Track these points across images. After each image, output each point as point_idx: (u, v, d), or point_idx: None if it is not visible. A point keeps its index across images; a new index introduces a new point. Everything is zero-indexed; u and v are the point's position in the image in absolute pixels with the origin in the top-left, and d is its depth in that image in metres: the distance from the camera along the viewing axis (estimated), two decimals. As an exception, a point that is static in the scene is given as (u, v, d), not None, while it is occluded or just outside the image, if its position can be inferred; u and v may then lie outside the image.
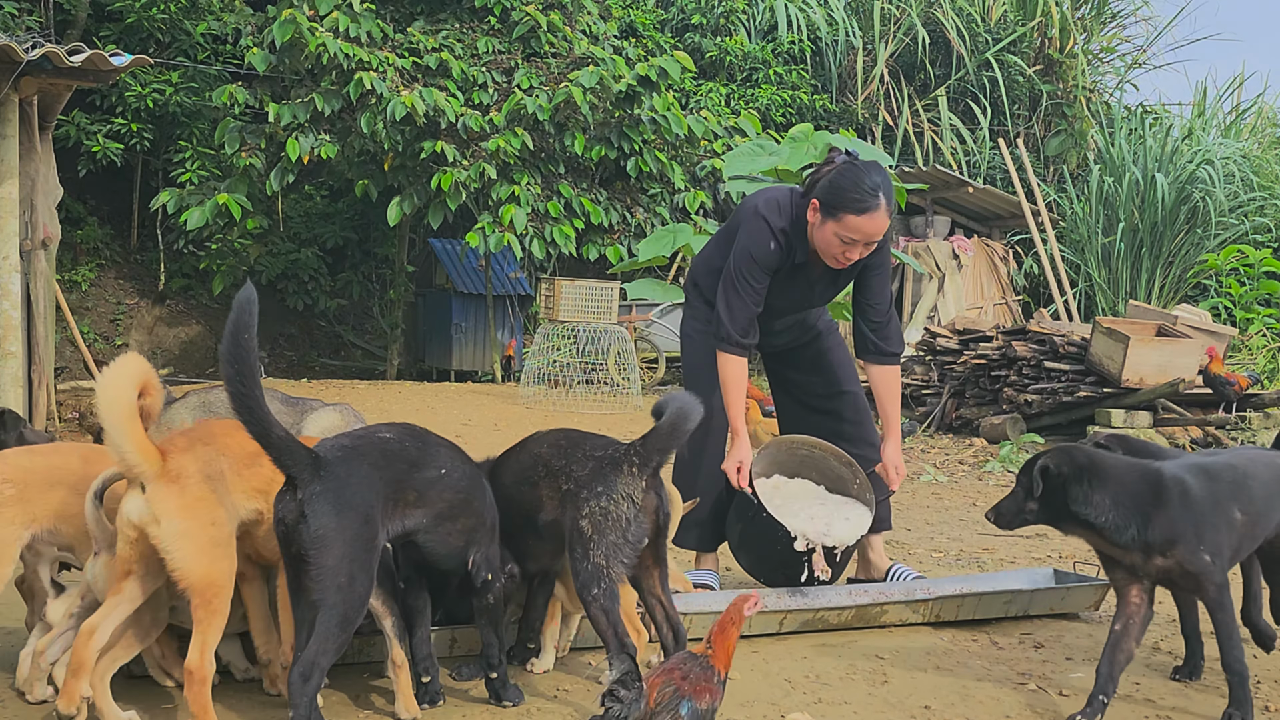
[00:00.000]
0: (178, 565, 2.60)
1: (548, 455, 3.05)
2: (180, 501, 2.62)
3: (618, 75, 12.07)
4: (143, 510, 2.61)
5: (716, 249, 4.19)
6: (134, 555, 2.66)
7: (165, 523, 2.60)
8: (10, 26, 12.11)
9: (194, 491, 2.65)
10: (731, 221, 4.15)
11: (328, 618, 2.54)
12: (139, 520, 2.62)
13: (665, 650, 3.10)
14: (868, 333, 4.03)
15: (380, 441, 2.76)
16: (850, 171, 3.71)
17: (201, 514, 2.64)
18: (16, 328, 6.73)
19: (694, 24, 17.13)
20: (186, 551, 2.60)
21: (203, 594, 2.61)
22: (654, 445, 2.98)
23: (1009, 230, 15.95)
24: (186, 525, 2.61)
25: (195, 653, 2.60)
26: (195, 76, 13.84)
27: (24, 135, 6.96)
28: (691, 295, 4.29)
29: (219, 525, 2.67)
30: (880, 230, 3.74)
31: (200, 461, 2.69)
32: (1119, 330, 8.71)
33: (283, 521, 2.59)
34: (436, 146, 11.48)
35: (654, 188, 13.29)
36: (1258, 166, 16.02)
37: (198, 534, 2.62)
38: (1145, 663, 3.63)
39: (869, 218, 3.68)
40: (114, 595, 2.69)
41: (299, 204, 15.36)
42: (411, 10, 13.46)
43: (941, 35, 17.82)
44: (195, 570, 2.61)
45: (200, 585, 2.61)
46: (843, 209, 3.70)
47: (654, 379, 13.24)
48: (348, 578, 2.55)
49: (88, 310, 14.20)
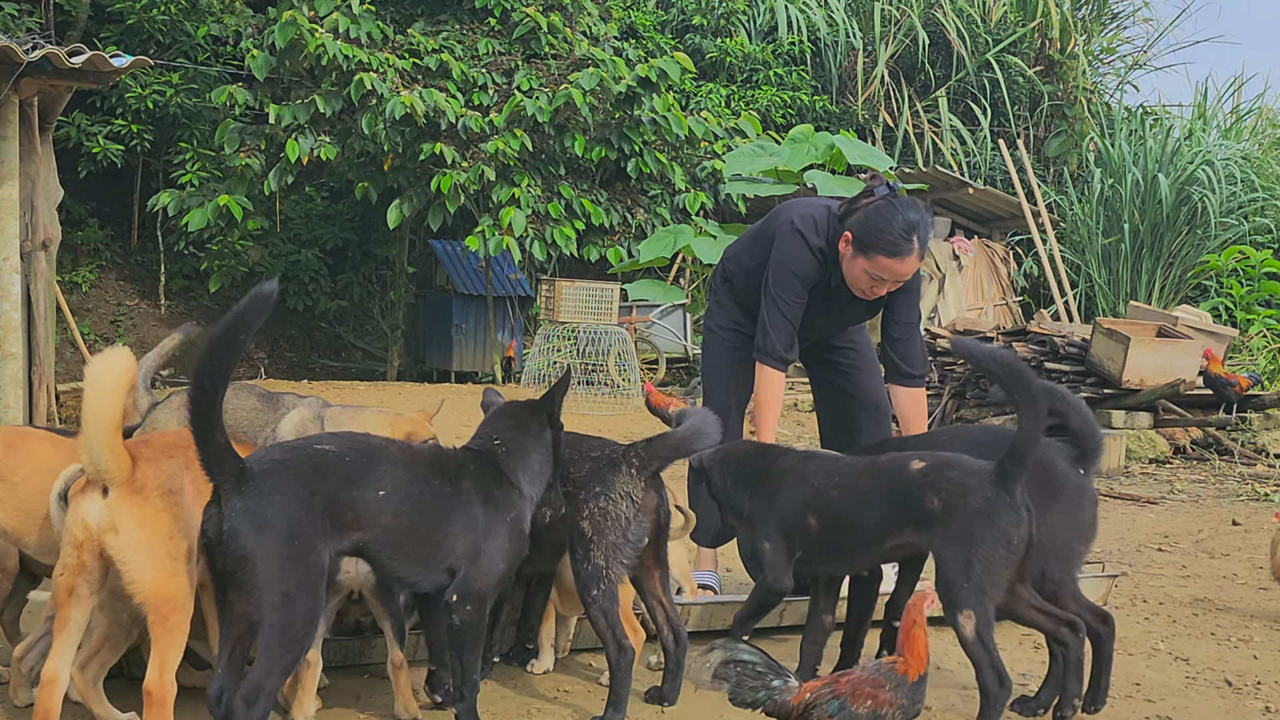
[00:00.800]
0: (133, 578, 2.48)
1: None
2: (141, 513, 2.50)
3: (618, 76, 12.07)
4: (101, 516, 2.49)
5: (748, 252, 4.14)
6: (77, 564, 2.51)
7: (124, 532, 2.48)
8: (10, 28, 12.11)
9: (155, 503, 2.53)
10: (764, 228, 4.09)
11: (268, 637, 2.39)
12: (96, 526, 2.50)
13: (665, 651, 3.09)
14: (891, 352, 3.96)
15: (315, 454, 2.57)
16: (886, 210, 3.65)
17: (161, 527, 2.52)
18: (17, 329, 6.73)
19: (694, 25, 17.12)
20: (143, 564, 2.48)
21: (159, 610, 2.50)
22: (658, 450, 2.99)
23: (1009, 231, 15.95)
24: (145, 537, 2.50)
25: (154, 672, 2.49)
26: (196, 78, 13.84)
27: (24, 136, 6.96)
28: (721, 292, 4.24)
29: (176, 540, 2.53)
30: (910, 272, 3.72)
31: (165, 474, 2.58)
32: (1119, 331, 8.70)
33: (205, 534, 2.45)
34: (436, 148, 11.47)
35: (654, 189, 13.28)
36: (1258, 167, 16.02)
37: (155, 547, 2.50)
38: (1146, 664, 3.63)
39: (900, 261, 3.65)
40: (60, 629, 2.55)
41: (299, 205, 15.35)
42: (411, 11, 13.45)
43: (942, 36, 17.81)
44: (150, 584, 2.49)
45: (156, 601, 2.49)
46: (875, 248, 3.66)
47: (654, 380, 13.23)
48: (282, 596, 2.39)
49: (88, 311, 14.21)
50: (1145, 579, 4.56)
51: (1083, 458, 3.10)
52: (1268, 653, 3.77)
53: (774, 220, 4.05)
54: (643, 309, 14.23)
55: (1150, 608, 4.28)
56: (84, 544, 2.51)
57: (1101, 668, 3.06)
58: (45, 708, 2.52)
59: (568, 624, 3.42)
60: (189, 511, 2.57)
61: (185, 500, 2.58)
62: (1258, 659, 3.63)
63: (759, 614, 3.25)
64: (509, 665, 3.34)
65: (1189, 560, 5.28)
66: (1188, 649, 3.77)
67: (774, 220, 4.05)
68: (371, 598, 2.95)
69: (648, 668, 3.33)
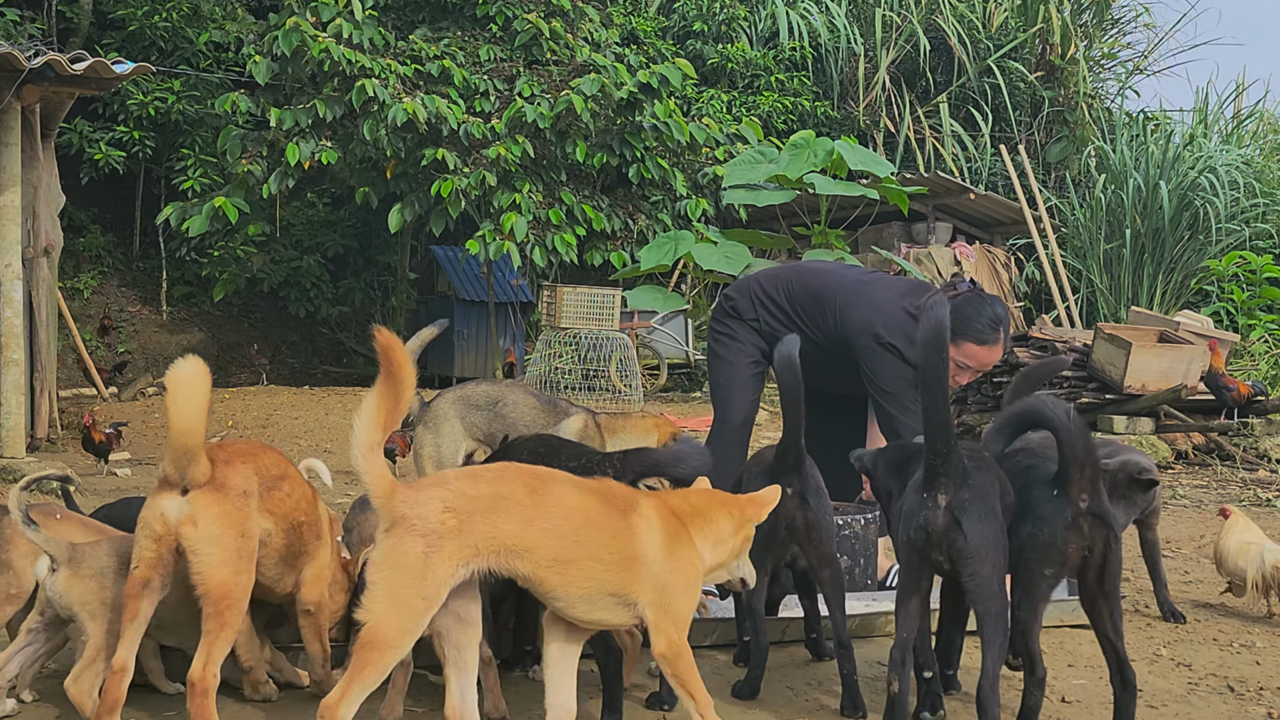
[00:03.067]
0: (202, 569, 2.63)
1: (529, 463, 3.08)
2: (220, 509, 2.67)
3: (619, 82, 12.08)
4: (181, 511, 2.64)
5: (789, 309, 4.29)
6: (155, 557, 2.65)
7: (202, 525, 2.64)
8: (13, 34, 12.13)
9: (233, 502, 2.70)
10: (831, 314, 4.18)
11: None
12: (175, 519, 2.64)
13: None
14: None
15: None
16: (975, 302, 3.96)
17: (235, 525, 2.69)
18: (19, 335, 6.73)
19: (695, 31, 17.14)
20: (213, 558, 2.64)
21: (217, 604, 2.63)
22: (633, 464, 3.04)
23: (1010, 236, 15.95)
24: (220, 531, 2.66)
25: (199, 664, 2.60)
26: (198, 84, 13.86)
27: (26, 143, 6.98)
28: (731, 321, 4.43)
29: (247, 539, 2.71)
30: (994, 361, 4.01)
31: (241, 476, 2.75)
32: (1121, 336, 8.70)
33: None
34: (438, 154, 11.48)
35: (656, 195, 13.29)
36: (1259, 173, 16.01)
37: (228, 543, 2.66)
38: (1148, 670, 3.62)
39: (987, 349, 3.95)
40: (129, 620, 2.67)
41: (301, 212, 15.37)
42: (413, 18, 13.47)
43: (943, 42, 17.83)
44: (216, 577, 2.63)
45: (217, 594, 2.63)
46: (964, 336, 3.92)
47: (656, 385, 13.23)
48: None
49: (90, 318, 14.21)
50: (1147, 584, 4.54)
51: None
52: (1270, 658, 3.77)
53: (848, 317, 4.13)
54: (644, 314, 14.24)
55: (1153, 613, 4.27)
56: (162, 538, 2.65)
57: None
58: (114, 696, 2.63)
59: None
60: (256, 515, 2.77)
61: (254, 504, 2.77)
62: (1260, 665, 3.63)
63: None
64: (510, 671, 3.34)
65: (1191, 566, 5.27)
66: (1190, 655, 3.76)
67: (848, 317, 4.13)
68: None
69: (649, 674, 3.32)
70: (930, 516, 2.73)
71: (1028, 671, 2.81)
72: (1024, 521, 2.79)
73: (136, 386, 11.34)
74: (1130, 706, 2.81)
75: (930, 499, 2.73)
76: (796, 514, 3.15)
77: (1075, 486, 2.71)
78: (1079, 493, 2.71)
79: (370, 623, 2.36)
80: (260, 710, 2.99)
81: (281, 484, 2.89)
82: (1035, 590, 2.76)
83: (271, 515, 2.83)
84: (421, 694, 3.15)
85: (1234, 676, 3.46)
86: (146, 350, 14.38)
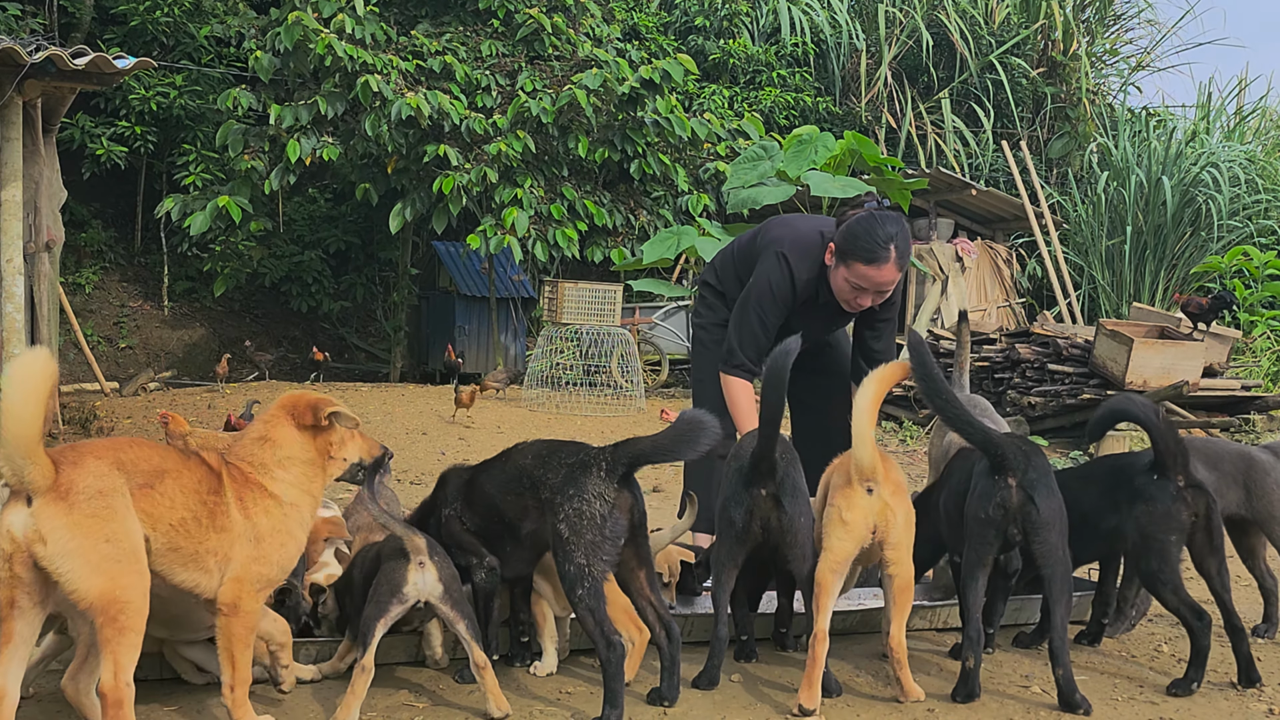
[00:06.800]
0: (72, 587, 2.42)
1: (530, 466, 3.11)
2: (69, 519, 2.42)
3: (621, 78, 12.07)
4: (27, 526, 2.41)
5: (737, 261, 4.27)
6: (10, 577, 2.43)
7: (52, 542, 2.40)
8: (14, 29, 12.12)
9: (85, 508, 2.44)
10: (757, 239, 4.20)
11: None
12: (23, 536, 2.41)
13: (659, 649, 3.11)
14: (864, 365, 4.04)
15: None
16: (867, 221, 3.84)
17: (93, 532, 2.43)
18: (20, 330, 6.74)
19: (697, 26, 17.12)
20: (78, 572, 2.41)
21: (105, 612, 2.43)
22: (624, 454, 3.03)
23: (1012, 233, 15.94)
24: (76, 544, 2.41)
25: (108, 675, 2.44)
26: (199, 79, 13.85)
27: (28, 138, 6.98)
28: (711, 298, 4.38)
29: (116, 542, 2.45)
30: (887, 281, 3.86)
31: (93, 476, 2.48)
32: (1122, 333, 8.70)
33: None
34: (440, 150, 11.48)
35: (657, 190, 13.28)
36: (1262, 169, 15.99)
37: (90, 553, 2.42)
38: (1149, 666, 3.63)
39: (876, 268, 3.81)
40: (4, 644, 2.47)
41: (303, 207, 15.37)
42: (415, 13, 13.46)
43: (945, 38, 17.80)
44: (93, 590, 2.42)
45: (102, 605, 2.43)
46: (853, 256, 3.84)
47: (657, 381, 13.23)
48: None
49: (91, 313, 14.21)
50: (1148, 581, 4.54)
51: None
52: (1272, 655, 3.77)
53: (764, 237, 4.15)
54: (645, 310, 14.23)
55: (1154, 609, 4.27)
56: (13, 556, 2.43)
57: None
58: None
59: (564, 624, 3.42)
60: (126, 514, 2.50)
61: (121, 503, 2.50)
62: (1261, 661, 3.63)
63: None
64: (510, 666, 3.34)
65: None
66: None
67: (764, 237, 4.15)
68: (440, 604, 2.97)
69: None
70: (1006, 495, 3.11)
71: (1194, 618, 3.29)
72: (1136, 503, 3.30)
73: (138, 382, 11.34)
74: (1245, 647, 3.38)
75: (1002, 480, 3.12)
76: (771, 515, 3.21)
77: (1172, 469, 3.26)
78: (1175, 473, 3.27)
79: None
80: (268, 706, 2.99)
81: (160, 481, 2.61)
82: (1169, 555, 3.30)
83: (148, 517, 2.56)
84: (421, 693, 3.15)
85: (1235, 673, 3.46)
86: (148, 345, 14.38)
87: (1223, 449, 3.94)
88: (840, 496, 3.13)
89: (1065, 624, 3.14)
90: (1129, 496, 3.33)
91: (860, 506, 3.10)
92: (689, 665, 3.26)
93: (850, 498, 3.10)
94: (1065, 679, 3.11)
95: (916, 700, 3.15)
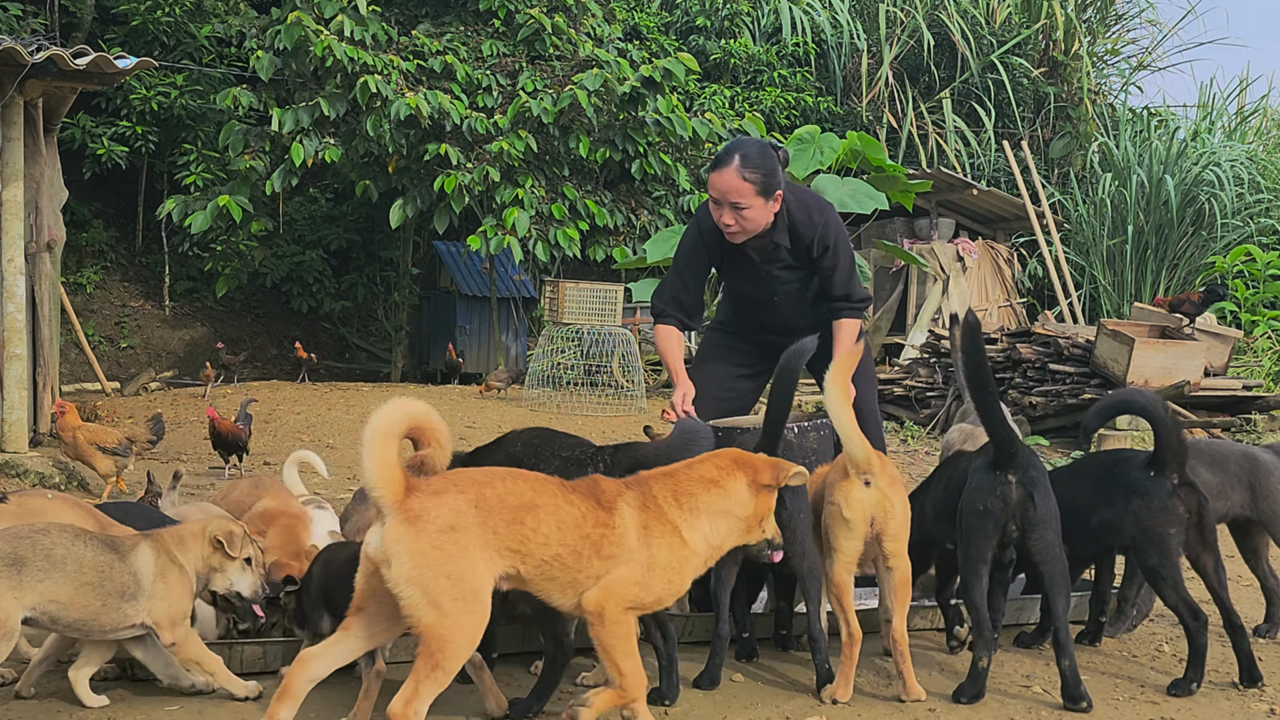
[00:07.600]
0: (408, 612, 2.46)
1: (521, 455, 3.10)
2: (414, 545, 2.46)
3: (622, 77, 12.06)
4: (379, 545, 2.49)
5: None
6: (366, 589, 2.55)
7: (395, 565, 2.46)
8: (15, 29, 12.13)
9: (431, 539, 2.46)
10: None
11: None
12: (374, 555, 2.50)
13: (655, 649, 3.10)
14: (834, 305, 4.10)
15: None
16: (726, 144, 4.01)
17: (435, 564, 2.45)
18: (21, 330, 6.73)
19: (698, 26, 17.12)
20: (415, 599, 2.45)
21: (427, 645, 2.46)
22: (624, 458, 3.05)
23: (1013, 232, 15.93)
24: (418, 572, 2.45)
25: (400, 701, 2.47)
26: (200, 79, 13.85)
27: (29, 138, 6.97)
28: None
29: (455, 580, 2.46)
30: (728, 187, 3.85)
31: (448, 510, 2.49)
32: (1123, 332, 8.69)
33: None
34: (441, 149, 11.47)
35: (658, 190, 13.27)
36: (1264, 168, 15.98)
37: (429, 584, 2.44)
38: (1150, 666, 3.62)
39: (717, 173, 3.86)
40: (342, 629, 2.61)
41: (304, 207, 15.37)
42: (416, 13, 13.46)
43: (946, 38, 17.79)
44: (423, 620, 2.46)
45: (427, 636, 2.46)
46: (708, 171, 4.00)
47: (658, 381, 13.23)
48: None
49: (92, 313, 14.22)
50: (1150, 581, 4.54)
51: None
52: (1272, 654, 3.76)
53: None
54: (646, 310, 14.23)
55: (1155, 609, 4.26)
56: (370, 575, 2.54)
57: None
58: (288, 685, 2.60)
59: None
60: (474, 551, 2.50)
61: (471, 539, 2.50)
62: (1262, 660, 3.62)
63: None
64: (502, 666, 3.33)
65: (1193, 562, 5.25)
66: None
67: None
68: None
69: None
70: (1006, 491, 3.15)
71: (1190, 617, 3.29)
72: (1132, 498, 3.31)
73: (139, 382, 11.34)
74: (1245, 644, 3.38)
75: (1003, 476, 3.16)
76: None
77: (1169, 465, 3.28)
78: (1170, 470, 3.28)
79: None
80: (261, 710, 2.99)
81: (530, 515, 2.59)
82: (1169, 549, 3.30)
83: (514, 553, 2.58)
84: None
85: (1236, 672, 3.45)
86: (149, 345, 14.38)
87: (1227, 450, 3.94)
88: (838, 493, 3.14)
89: (1066, 616, 3.17)
90: (1124, 491, 3.35)
91: (859, 500, 3.11)
92: (690, 665, 3.25)
93: (848, 492, 3.12)
94: (1070, 670, 3.13)
95: (917, 700, 3.15)
